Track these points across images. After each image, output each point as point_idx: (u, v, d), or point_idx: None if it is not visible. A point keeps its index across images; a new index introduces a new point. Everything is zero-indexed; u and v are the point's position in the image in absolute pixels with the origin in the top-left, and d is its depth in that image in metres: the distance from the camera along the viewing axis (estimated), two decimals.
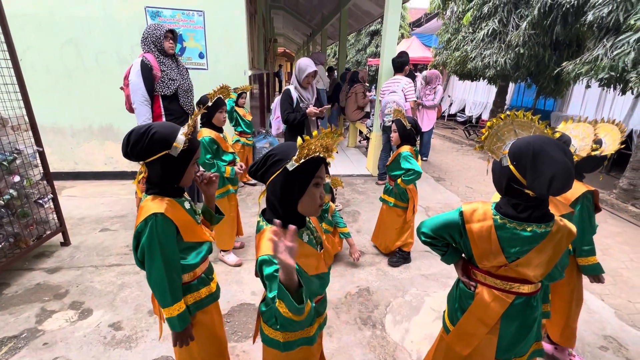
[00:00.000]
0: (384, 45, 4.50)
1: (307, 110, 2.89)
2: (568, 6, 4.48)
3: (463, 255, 1.23)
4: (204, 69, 4.10)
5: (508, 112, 1.05)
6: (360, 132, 6.91)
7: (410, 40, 12.54)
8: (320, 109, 2.92)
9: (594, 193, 1.51)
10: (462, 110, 10.70)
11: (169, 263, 1.09)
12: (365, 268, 2.62)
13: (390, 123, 3.86)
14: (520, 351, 1.15)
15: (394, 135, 2.51)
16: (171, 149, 1.06)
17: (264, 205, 1.05)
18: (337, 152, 3.47)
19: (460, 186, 4.79)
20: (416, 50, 11.47)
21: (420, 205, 3.94)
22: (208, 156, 2.30)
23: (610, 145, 1.45)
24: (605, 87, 4.01)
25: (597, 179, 4.72)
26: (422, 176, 2.52)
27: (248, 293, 2.24)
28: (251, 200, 3.89)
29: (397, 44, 8.81)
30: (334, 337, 1.91)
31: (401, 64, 4.16)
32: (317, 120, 3.17)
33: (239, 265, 2.53)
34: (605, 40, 3.78)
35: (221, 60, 4.12)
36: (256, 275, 1.03)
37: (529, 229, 1.01)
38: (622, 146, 1.46)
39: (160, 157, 1.06)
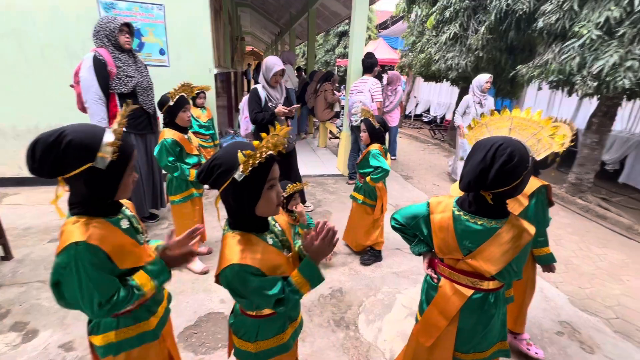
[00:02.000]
0: (351, 46, 4.54)
1: (276, 110, 2.83)
2: (521, 13, 4.77)
3: (433, 250, 1.25)
4: (166, 66, 3.89)
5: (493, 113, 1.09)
6: (331, 132, 6.93)
7: (377, 42, 12.82)
8: (289, 108, 2.87)
9: (547, 188, 1.60)
10: (428, 111, 11.10)
11: (109, 295, 0.89)
12: (338, 268, 2.61)
13: (358, 123, 3.92)
14: (479, 346, 1.19)
15: (364, 135, 2.52)
16: (96, 161, 0.83)
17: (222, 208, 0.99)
18: (287, 144, 3.39)
19: (428, 184, 4.95)
20: (383, 51, 11.73)
21: (390, 204, 4.01)
22: (171, 159, 2.17)
23: (565, 143, 1.54)
24: (554, 89, 4.32)
25: (550, 175, 5.07)
26: (391, 175, 2.56)
27: (217, 301, 2.14)
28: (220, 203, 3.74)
29: (365, 45, 8.96)
30: (307, 342, 1.87)
31: (370, 64, 4.21)
32: (287, 119, 3.12)
33: (205, 272, 2.41)
34: (553, 45, 4.07)
35: (184, 57, 3.92)
36: (216, 281, 0.97)
37: (479, 223, 1.06)
38: (572, 144, 1.56)
39: (83, 171, 0.83)
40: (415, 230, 1.25)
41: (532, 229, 1.07)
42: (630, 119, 5.38)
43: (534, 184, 1.55)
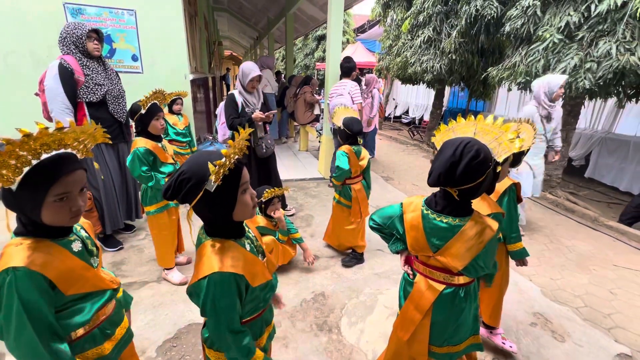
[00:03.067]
0: (329, 50, 4.59)
1: (253, 115, 2.82)
2: (489, 17, 4.99)
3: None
4: (139, 72, 3.79)
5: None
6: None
7: (355, 45, 13.01)
8: (266, 113, 2.87)
9: (517, 185, 1.67)
10: (407, 112, 11.35)
11: (43, 330, 0.81)
12: (320, 272, 2.62)
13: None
14: (452, 340, 1.24)
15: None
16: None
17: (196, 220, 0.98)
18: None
19: (407, 184, 5.05)
20: (361, 55, 11.91)
21: (371, 205, 4.05)
22: (144, 168, 2.11)
23: (527, 141, 1.63)
24: (522, 90, 4.53)
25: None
26: (372, 176, 2.63)
27: (197, 312, 2.08)
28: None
29: (343, 49, 9.06)
30: (290, 348, 1.87)
31: (348, 69, 4.26)
32: (264, 125, 3.11)
33: (184, 283, 2.36)
34: (520, 48, 4.28)
35: (158, 63, 3.84)
36: (189, 294, 0.96)
37: (445, 221, 1.12)
38: (533, 143, 1.65)
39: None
40: (391, 229, 1.30)
41: (495, 225, 1.13)
42: (593, 117, 5.71)
43: (505, 182, 1.62)
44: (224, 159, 0.83)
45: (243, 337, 0.94)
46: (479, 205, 1.44)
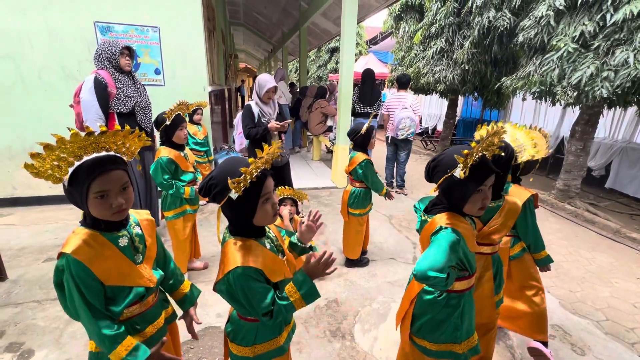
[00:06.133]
0: (342, 62, 4.69)
1: (269, 125, 2.92)
2: (502, 28, 5.01)
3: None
4: (161, 85, 3.98)
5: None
6: (325, 145, 7.04)
7: (368, 57, 13.16)
8: (281, 123, 2.96)
9: (535, 196, 1.70)
10: (420, 122, 11.33)
11: (95, 310, 0.93)
12: (334, 280, 2.64)
13: (405, 136, 4.55)
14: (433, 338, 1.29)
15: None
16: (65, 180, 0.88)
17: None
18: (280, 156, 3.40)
19: (421, 194, 5.03)
20: (374, 66, 11.98)
21: (384, 214, 4.08)
22: (166, 177, 2.22)
23: (541, 151, 1.64)
24: (538, 100, 4.50)
25: (529, 181, 5.21)
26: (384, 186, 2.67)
27: (213, 316, 2.15)
28: (214, 218, 3.77)
29: (355, 60, 9.19)
30: (304, 353, 1.89)
31: (407, 80, 4.72)
32: (280, 134, 3.20)
33: (206, 267, 2.44)
34: (534, 58, 4.26)
35: (178, 76, 4.03)
36: (214, 289, 1.02)
37: (423, 218, 1.26)
38: (551, 151, 1.67)
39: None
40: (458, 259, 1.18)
41: (433, 225, 1.17)
42: (612, 126, 5.57)
43: (524, 194, 1.64)
44: (245, 174, 0.90)
45: (276, 315, 0.98)
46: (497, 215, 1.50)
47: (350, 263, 2.83)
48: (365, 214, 2.71)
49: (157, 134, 2.38)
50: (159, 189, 2.35)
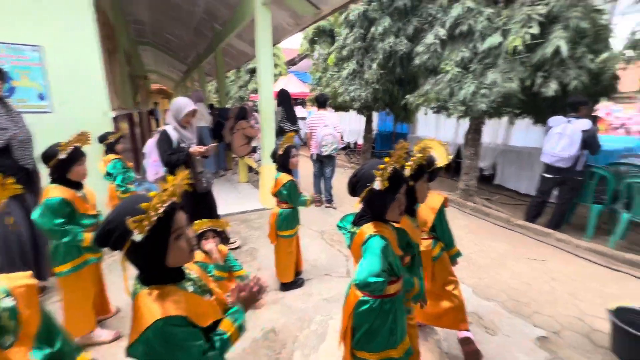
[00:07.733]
0: (260, 83, 4.72)
1: (191, 150, 2.74)
2: (402, 53, 5.70)
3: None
4: (48, 112, 3.41)
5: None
6: (250, 167, 6.89)
7: (288, 77, 13.54)
8: (205, 147, 2.80)
9: (445, 200, 1.92)
10: (342, 138, 11.98)
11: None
12: (269, 307, 2.53)
13: (328, 152, 4.77)
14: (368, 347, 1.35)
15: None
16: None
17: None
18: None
19: (349, 206, 5.25)
20: (295, 86, 12.41)
21: (315, 230, 4.13)
22: (57, 221, 1.85)
23: (441, 158, 1.88)
24: (436, 113, 5.18)
25: (437, 183, 5.92)
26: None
27: None
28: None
29: (275, 81, 9.33)
30: None
31: (325, 100, 4.98)
32: (203, 159, 3.01)
33: (119, 337, 2.08)
34: (430, 78, 4.93)
35: (71, 101, 3.50)
36: (128, 355, 0.87)
37: (350, 231, 1.38)
38: (451, 157, 1.93)
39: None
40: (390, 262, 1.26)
41: (362, 236, 1.27)
42: (493, 133, 6.73)
43: (439, 199, 1.85)
44: (148, 211, 0.80)
45: (220, 346, 0.95)
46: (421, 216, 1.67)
47: (285, 287, 2.76)
48: (294, 234, 2.70)
49: (42, 171, 2.00)
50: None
